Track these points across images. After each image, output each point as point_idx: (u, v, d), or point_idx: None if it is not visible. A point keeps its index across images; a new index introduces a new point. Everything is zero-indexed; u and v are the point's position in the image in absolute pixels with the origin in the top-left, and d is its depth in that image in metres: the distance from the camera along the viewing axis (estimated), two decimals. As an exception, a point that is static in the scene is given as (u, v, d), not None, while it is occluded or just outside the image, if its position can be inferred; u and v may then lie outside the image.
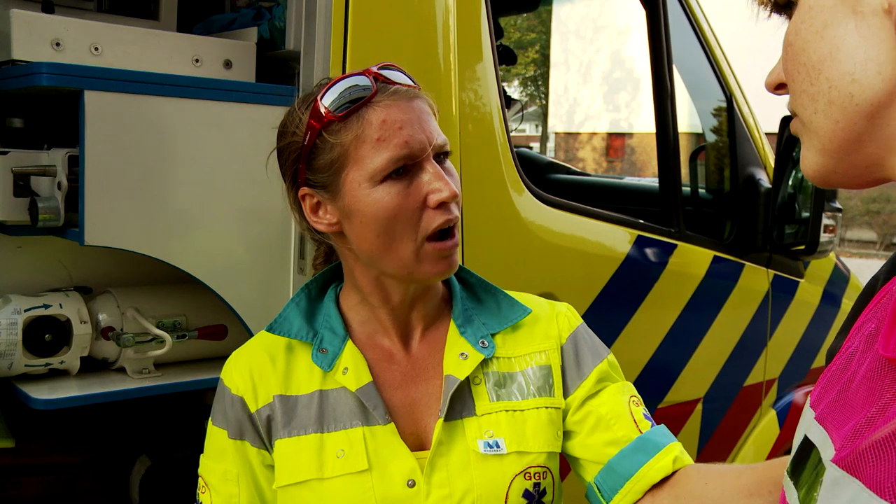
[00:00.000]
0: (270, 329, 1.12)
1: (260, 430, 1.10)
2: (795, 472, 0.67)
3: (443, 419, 1.08)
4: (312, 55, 1.57)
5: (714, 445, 2.61)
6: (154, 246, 1.46)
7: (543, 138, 22.58)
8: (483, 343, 1.13)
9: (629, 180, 3.41)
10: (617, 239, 2.20)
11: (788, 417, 2.83)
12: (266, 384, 1.10)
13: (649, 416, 1.18)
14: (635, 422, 1.14)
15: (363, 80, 1.05)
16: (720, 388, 2.56)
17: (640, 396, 1.20)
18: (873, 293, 0.78)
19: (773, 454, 2.79)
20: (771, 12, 0.70)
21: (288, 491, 1.07)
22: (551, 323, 1.20)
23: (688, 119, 2.78)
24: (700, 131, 2.78)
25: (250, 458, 1.10)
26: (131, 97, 1.40)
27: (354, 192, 1.04)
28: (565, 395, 1.17)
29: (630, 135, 22.75)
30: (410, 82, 1.09)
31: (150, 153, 1.43)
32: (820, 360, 2.96)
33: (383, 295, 1.12)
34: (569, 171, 3.49)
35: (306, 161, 1.07)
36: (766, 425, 2.78)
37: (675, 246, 2.33)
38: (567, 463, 1.20)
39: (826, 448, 0.63)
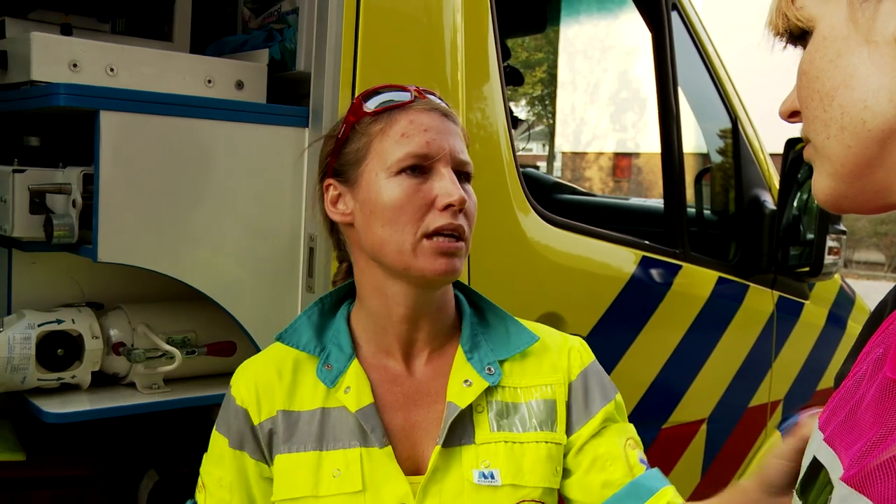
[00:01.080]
0: (280, 338, 1.14)
1: (261, 443, 1.11)
2: (804, 492, 0.69)
3: (440, 446, 1.08)
4: (322, 76, 1.59)
5: (718, 466, 2.61)
6: (165, 263, 1.48)
7: (550, 158, 22.62)
8: (490, 370, 1.13)
9: (634, 201, 3.43)
10: (622, 259, 2.22)
11: (793, 439, 2.82)
12: (270, 398, 1.12)
13: (644, 459, 1.18)
14: (630, 466, 1.14)
15: (403, 93, 1.12)
16: (725, 409, 2.57)
17: (638, 438, 1.20)
18: (881, 319, 0.79)
19: (777, 475, 2.78)
20: (787, 44, 0.73)
21: None
22: (561, 356, 1.20)
23: (693, 140, 2.80)
24: (705, 152, 2.80)
25: (247, 469, 1.12)
26: (145, 117, 1.42)
27: (370, 182, 1.08)
28: (569, 432, 1.16)
29: (637, 155, 22.77)
30: (446, 106, 1.15)
31: (162, 172, 1.46)
32: (826, 382, 2.96)
33: (388, 305, 1.12)
34: (574, 192, 3.51)
35: (337, 152, 1.13)
36: (771, 446, 2.78)
37: (679, 267, 2.34)
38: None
39: (835, 468, 0.64)
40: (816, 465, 0.68)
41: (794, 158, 2.53)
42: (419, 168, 1.07)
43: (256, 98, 1.69)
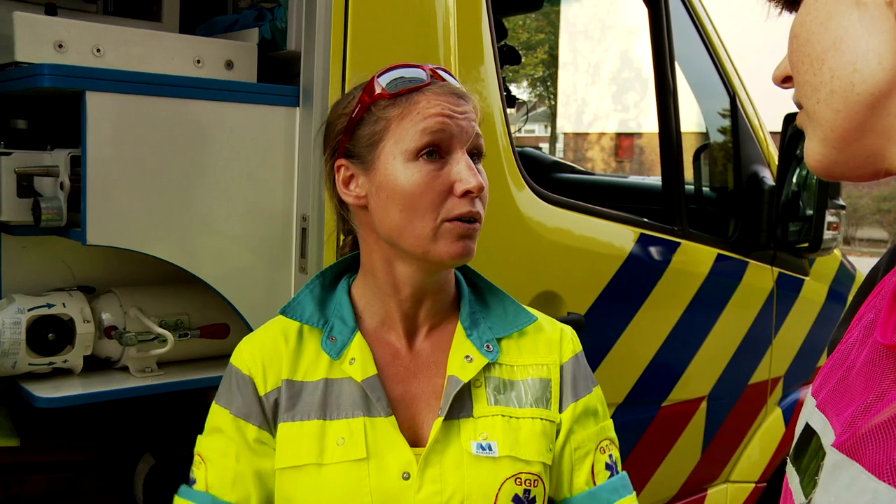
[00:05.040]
0: (284, 312, 1.14)
1: (266, 413, 1.12)
2: (797, 458, 0.68)
3: (443, 418, 1.10)
4: (313, 55, 1.57)
5: (719, 443, 2.60)
6: (155, 245, 1.47)
7: (552, 139, 22.56)
8: (488, 347, 1.15)
9: (633, 179, 3.41)
10: (620, 237, 2.20)
11: (794, 415, 2.82)
12: (276, 369, 1.12)
13: (613, 464, 1.20)
14: (593, 473, 1.18)
15: (419, 72, 1.11)
16: (725, 386, 2.56)
17: (615, 438, 1.23)
18: (873, 284, 0.79)
19: (778, 452, 2.78)
20: (781, 10, 0.71)
21: (286, 474, 1.09)
22: (554, 339, 1.22)
23: (691, 118, 2.78)
24: (704, 130, 2.77)
25: (251, 437, 1.11)
26: (133, 98, 1.41)
27: (387, 166, 1.08)
28: (560, 410, 1.19)
29: (639, 135, 22.69)
30: (461, 86, 1.14)
31: (151, 154, 1.45)
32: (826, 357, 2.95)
33: (395, 284, 1.13)
34: (573, 171, 3.49)
35: (350, 132, 1.12)
36: (771, 423, 2.77)
37: (678, 244, 2.33)
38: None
39: (826, 434, 0.63)
40: (809, 432, 0.67)
41: (793, 134, 2.51)
42: (436, 152, 1.07)
43: (246, 78, 1.67)
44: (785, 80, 0.73)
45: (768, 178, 2.59)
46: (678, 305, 2.36)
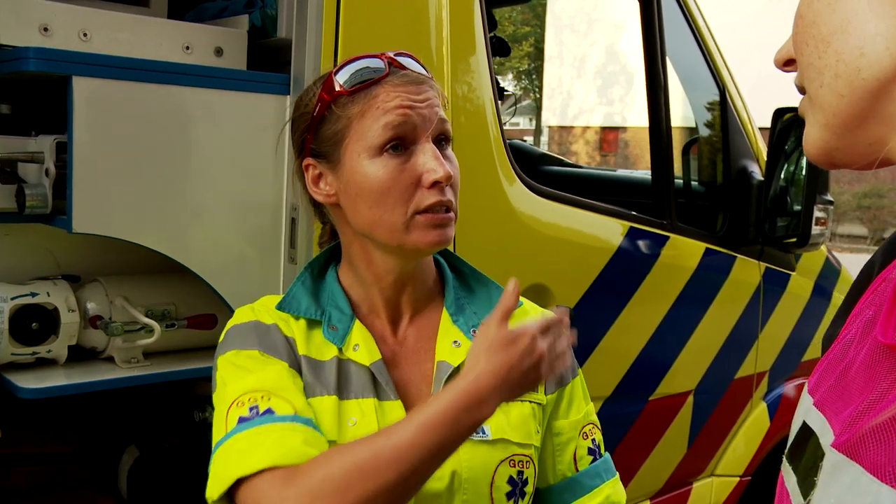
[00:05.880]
0: (281, 307, 1.13)
1: (296, 356, 1.07)
2: (794, 457, 0.67)
3: None
4: (304, 43, 1.55)
5: (705, 437, 2.61)
6: (142, 234, 1.45)
7: (537, 132, 22.56)
8: (475, 332, 1.15)
9: (622, 172, 3.41)
10: (609, 230, 2.20)
11: (779, 410, 2.83)
12: (288, 334, 1.09)
13: (596, 447, 1.22)
14: (575, 459, 1.20)
15: (377, 63, 1.09)
16: (711, 381, 2.56)
17: (597, 421, 1.24)
18: (869, 280, 0.77)
19: (763, 446, 2.79)
20: None
21: None
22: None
23: (681, 111, 2.77)
24: (693, 124, 2.77)
25: (288, 374, 1.05)
26: (121, 83, 1.38)
27: (352, 163, 1.07)
28: (545, 394, 1.20)
29: (624, 129, 22.74)
30: (422, 70, 1.12)
31: (139, 141, 1.42)
32: (811, 353, 2.96)
33: (375, 273, 1.13)
34: (561, 163, 3.48)
35: (314, 131, 1.11)
36: (756, 417, 2.78)
37: (667, 238, 2.32)
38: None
39: (825, 433, 0.62)
40: (806, 431, 0.66)
41: (782, 129, 2.51)
42: (401, 145, 1.06)
43: (236, 65, 1.65)
44: (787, 63, 0.72)
45: (757, 172, 2.59)
46: (666, 300, 2.36)
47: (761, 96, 2.78)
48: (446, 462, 1.07)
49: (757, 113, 2.70)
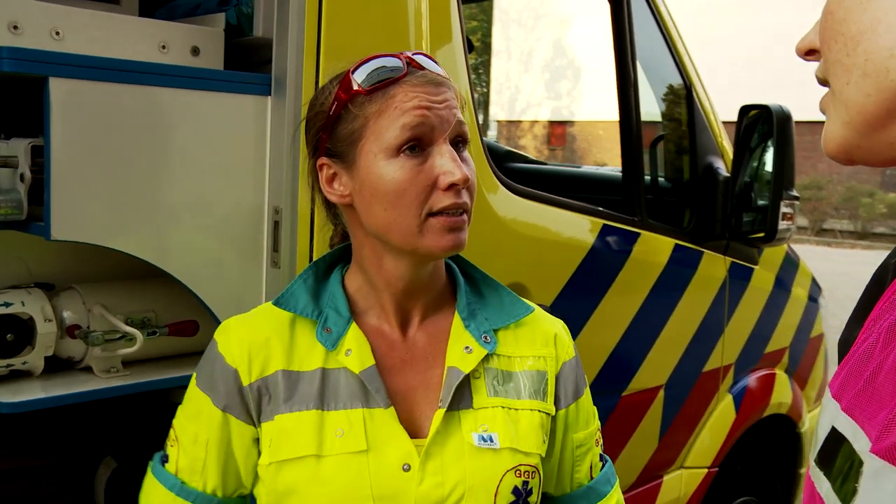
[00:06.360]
0: (277, 303, 1.12)
1: (249, 405, 1.09)
2: (825, 462, 0.67)
3: (444, 409, 1.09)
4: (286, 42, 1.52)
5: (675, 430, 2.64)
6: (123, 239, 1.40)
7: (485, 126, 22.64)
8: (486, 338, 1.14)
9: (589, 169, 3.42)
10: (583, 228, 2.20)
11: (744, 401, 2.88)
12: (264, 358, 1.10)
13: (603, 455, 1.27)
14: (591, 466, 1.23)
15: (395, 62, 1.07)
16: (681, 375, 2.59)
17: (601, 433, 1.28)
18: (883, 283, 0.78)
19: (729, 437, 2.84)
20: None
21: (284, 466, 1.06)
22: (550, 332, 1.22)
23: (648, 107, 2.79)
24: (659, 120, 2.80)
25: (231, 430, 1.10)
26: (100, 85, 1.33)
27: (368, 164, 1.05)
28: (556, 406, 1.20)
29: (571, 123, 22.94)
30: (440, 71, 1.10)
31: (117, 143, 1.37)
32: (773, 345, 3.02)
33: (386, 277, 1.12)
34: (526, 161, 3.49)
35: (329, 130, 1.09)
36: (723, 409, 2.82)
37: (638, 234, 2.34)
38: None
39: (859, 439, 0.63)
40: (837, 436, 0.66)
41: (748, 125, 2.55)
42: (418, 146, 1.05)
43: (213, 65, 1.61)
44: (808, 53, 0.72)
45: (722, 168, 2.62)
46: (638, 296, 2.38)
47: (720, 91, 2.82)
48: (450, 470, 1.07)
49: (718, 106, 2.74)
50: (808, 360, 3.29)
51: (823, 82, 0.70)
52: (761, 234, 2.48)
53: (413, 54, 1.09)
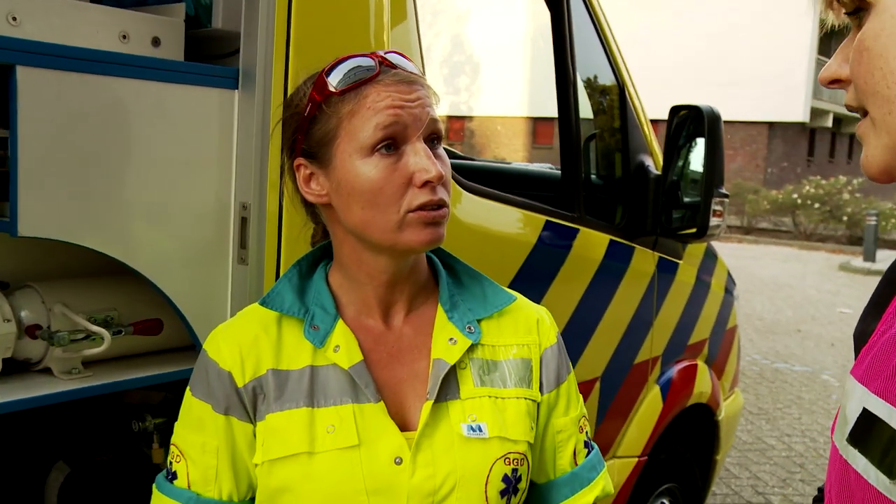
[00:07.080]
0: (264, 303, 1.12)
1: (246, 405, 1.10)
2: (859, 441, 0.73)
3: (432, 401, 1.10)
4: (255, 35, 1.49)
5: (609, 421, 2.72)
6: (89, 236, 1.35)
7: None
8: (470, 329, 1.16)
9: (529, 166, 3.48)
10: (528, 224, 2.25)
11: (670, 392, 2.99)
12: (255, 358, 1.10)
13: (589, 440, 1.28)
14: (574, 453, 1.24)
15: (368, 62, 1.08)
16: (615, 367, 2.67)
17: (587, 413, 1.30)
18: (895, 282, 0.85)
19: (657, 426, 2.94)
20: (842, 14, 0.75)
21: (276, 464, 1.07)
22: (532, 319, 1.24)
23: (582, 107, 2.86)
24: (591, 118, 2.86)
25: (235, 432, 1.10)
26: (69, 75, 1.28)
27: (344, 164, 1.06)
28: (542, 392, 1.22)
29: (470, 118, 23.16)
30: (413, 69, 1.11)
31: (84, 136, 1.32)
32: (695, 336, 3.14)
33: (368, 273, 1.13)
34: (464, 158, 3.52)
35: (305, 131, 1.09)
36: (651, 400, 2.93)
37: (577, 230, 2.40)
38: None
39: (894, 417, 0.69)
40: (870, 416, 0.72)
41: (678, 124, 2.65)
42: (392, 145, 1.06)
43: (173, 56, 1.56)
44: (833, 82, 0.78)
45: (653, 166, 2.71)
46: (577, 290, 2.44)
47: (648, 89, 2.92)
48: (441, 461, 1.09)
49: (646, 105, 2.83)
50: (724, 351, 3.45)
51: (857, 110, 0.76)
52: (693, 231, 2.57)
53: (386, 53, 1.10)
